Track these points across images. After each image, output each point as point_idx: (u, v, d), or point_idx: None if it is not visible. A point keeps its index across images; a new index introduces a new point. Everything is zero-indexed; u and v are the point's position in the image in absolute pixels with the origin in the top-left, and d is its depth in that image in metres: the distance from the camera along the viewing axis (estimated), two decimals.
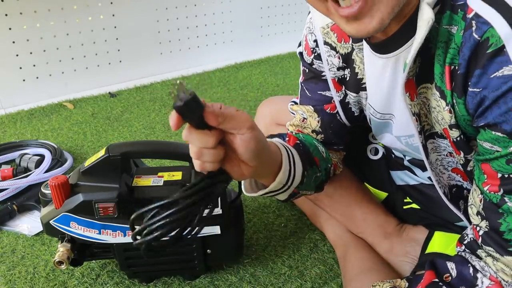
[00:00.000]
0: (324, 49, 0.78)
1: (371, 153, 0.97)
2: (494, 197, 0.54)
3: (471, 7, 0.51)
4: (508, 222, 0.53)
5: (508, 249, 0.54)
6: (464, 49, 0.52)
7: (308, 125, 0.88)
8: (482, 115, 0.52)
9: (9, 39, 1.76)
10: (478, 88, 0.51)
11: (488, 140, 0.53)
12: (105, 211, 0.81)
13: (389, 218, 0.95)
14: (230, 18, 2.34)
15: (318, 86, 0.85)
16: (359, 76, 0.76)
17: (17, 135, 1.62)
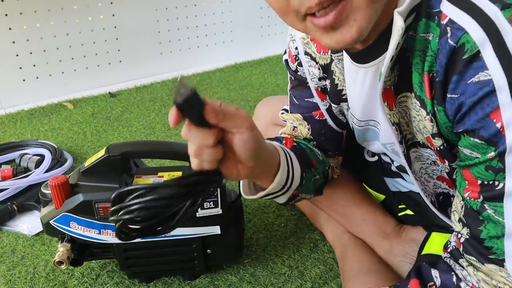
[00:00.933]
0: (305, 59, 0.78)
1: (368, 155, 0.97)
2: (474, 204, 0.54)
3: (444, 13, 0.51)
4: (489, 230, 0.52)
5: (488, 257, 0.53)
6: (440, 56, 0.52)
7: (299, 133, 0.88)
8: (461, 121, 0.52)
9: (9, 39, 1.76)
10: (456, 94, 0.51)
11: (468, 146, 0.52)
12: (105, 211, 0.81)
13: (388, 219, 0.95)
14: (230, 18, 2.34)
15: (305, 93, 0.85)
16: (339, 87, 0.76)
17: (17, 135, 1.62)
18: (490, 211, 0.52)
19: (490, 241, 0.53)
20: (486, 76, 0.47)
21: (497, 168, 0.49)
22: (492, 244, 0.53)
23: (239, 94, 1.98)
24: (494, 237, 0.52)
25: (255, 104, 1.83)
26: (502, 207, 0.50)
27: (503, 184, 0.49)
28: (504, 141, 0.47)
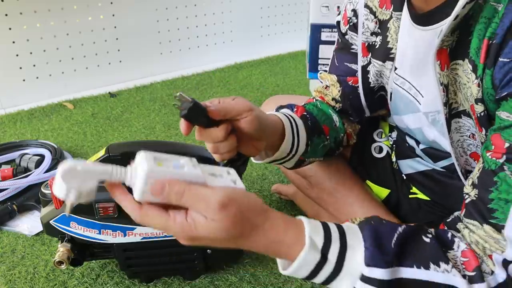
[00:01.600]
0: (363, 11, 0.81)
1: (375, 151, 0.98)
2: (494, 163, 0.54)
3: None
4: (500, 191, 0.52)
5: (489, 220, 0.53)
6: (505, 19, 0.53)
7: (330, 92, 0.92)
8: (507, 85, 0.53)
9: (9, 39, 1.76)
10: (508, 58, 0.53)
11: (507, 109, 0.53)
12: (105, 211, 0.81)
13: (391, 218, 0.95)
14: (230, 18, 2.34)
15: (346, 57, 0.88)
16: (390, 45, 0.78)
17: (17, 135, 1.62)
18: (508, 172, 0.52)
19: (497, 203, 0.53)
20: None
21: None
22: (498, 207, 0.53)
23: (239, 94, 1.98)
24: (503, 200, 0.52)
25: (255, 104, 1.83)
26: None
27: None
28: None
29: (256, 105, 0.66)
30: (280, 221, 0.51)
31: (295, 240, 0.51)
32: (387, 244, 0.51)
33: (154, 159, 0.49)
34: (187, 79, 2.14)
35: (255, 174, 1.34)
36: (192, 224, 0.47)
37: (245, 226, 0.49)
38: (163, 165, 0.49)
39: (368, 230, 0.52)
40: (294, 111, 0.83)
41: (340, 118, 0.91)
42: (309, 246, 0.50)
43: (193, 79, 2.15)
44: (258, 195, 1.21)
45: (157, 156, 0.50)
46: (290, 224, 0.52)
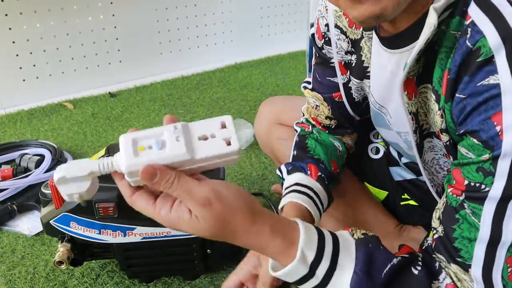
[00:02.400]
0: (334, 32, 0.80)
1: (372, 152, 0.98)
2: (454, 200, 0.54)
3: (469, 14, 0.52)
4: (462, 229, 0.53)
5: (455, 258, 0.53)
6: (456, 55, 0.53)
7: (321, 112, 0.91)
8: (464, 122, 0.53)
9: (9, 39, 1.76)
10: (464, 94, 0.52)
11: (465, 146, 0.53)
12: (105, 211, 0.81)
13: (389, 219, 0.95)
14: (230, 18, 2.34)
15: (327, 72, 0.87)
16: (365, 64, 0.77)
17: (17, 135, 1.62)
18: (468, 211, 0.52)
19: (461, 243, 0.53)
20: (495, 80, 0.48)
21: (488, 171, 0.50)
22: (462, 246, 0.53)
23: (239, 94, 1.98)
24: (466, 239, 0.52)
25: (255, 104, 1.83)
26: (481, 210, 0.50)
27: (488, 189, 0.50)
28: (500, 146, 0.48)
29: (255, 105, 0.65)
30: (267, 228, 0.50)
31: (282, 250, 0.51)
32: (377, 274, 0.52)
33: (133, 144, 0.46)
34: (187, 79, 2.14)
35: (255, 174, 1.34)
36: (176, 219, 0.47)
37: (226, 229, 0.48)
38: (145, 147, 0.46)
39: (363, 253, 0.52)
40: (308, 174, 0.82)
41: (341, 142, 0.91)
42: (298, 260, 0.50)
43: (193, 79, 2.15)
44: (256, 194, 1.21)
45: (136, 137, 0.47)
46: (278, 233, 0.51)
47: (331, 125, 0.91)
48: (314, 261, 0.51)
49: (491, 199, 0.50)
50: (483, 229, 0.51)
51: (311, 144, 0.88)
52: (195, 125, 0.48)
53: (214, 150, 0.46)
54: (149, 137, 0.46)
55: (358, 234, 0.57)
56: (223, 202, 0.47)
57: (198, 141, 0.47)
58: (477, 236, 0.51)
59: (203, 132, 0.47)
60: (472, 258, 0.52)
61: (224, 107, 1.84)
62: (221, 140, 0.47)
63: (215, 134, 0.47)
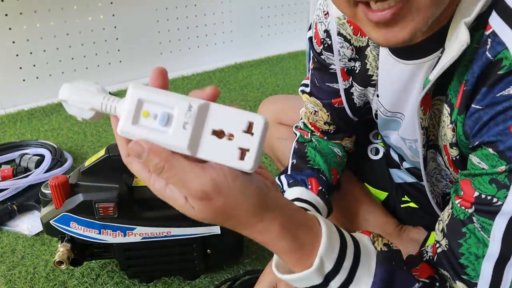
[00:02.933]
0: (337, 40, 0.76)
1: (371, 153, 0.97)
2: (462, 213, 0.51)
3: (490, 24, 0.49)
4: (469, 245, 0.49)
5: (461, 276, 0.50)
6: (474, 66, 0.50)
7: (320, 118, 0.90)
8: (479, 133, 0.50)
9: (9, 39, 1.76)
10: (480, 105, 0.49)
11: (478, 155, 0.50)
12: (105, 211, 0.81)
13: (389, 219, 0.95)
14: (230, 18, 2.34)
15: (325, 77, 0.85)
16: (370, 72, 0.75)
17: (17, 135, 1.62)
18: (477, 225, 0.49)
19: (467, 259, 0.50)
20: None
21: (502, 184, 0.47)
22: (468, 263, 0.50)
23: (239, 94, 1.98)
24: (473, 255, 0.50)
25: (255, 104, 1.83)
26: (491, 225, 0.48)
27: (501, 203, 0.47)
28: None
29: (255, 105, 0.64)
30: (276, 226, 0.43)
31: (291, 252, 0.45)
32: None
33: (138, 105, 0.39)
34: (187, 79, 2.14)
35: None
36: (170, 199, 0.41)
37: (228, 221, 0.42)
38: (149, 114, 0.38)
39: (383, 272, 0.48)
40: (309, 189, 0.81)
41: (340, 147, 0.91)
42: (315, 269, 0.45)
43: (193, 79, 2.15)
44: None
45: (145, 98, 0.39)
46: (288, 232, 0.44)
47: (329, 130, 0.90)
48: (331, 272, 0.46)
49: (503, 214, 0.47)
50: (492, 245, 0.48)
51: (310, 153, 0.87)
52: (217, 111, 0.38)
53: (220, 157, 0.38)
54: (158, 104, 0.38)
55: (380, 244, 0.52)
56: (225, 197, 0.39)
57: (209, 136, 0.38)
58: (486, 253, 0.48)
59: (221, 126, 0.38)
60: (479, 277, 0.49)
61: None
62: (236, 149, 0.38)
63: (234, 135, 0.38)
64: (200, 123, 0.38)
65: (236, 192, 0.40)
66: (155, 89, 0.39)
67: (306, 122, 0.93)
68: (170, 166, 0.38)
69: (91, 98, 0.41)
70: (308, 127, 0.93)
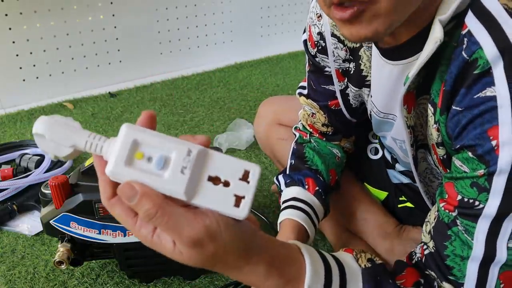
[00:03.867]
0: (331, 41, 0.77)
1: (371, 152, 0.97)
2: (446, 216, 0.52)
3: (466, 23, 0.50)
4: (454, 247, 0.51)
5: (447, 276, 0.52)
6: (451, 67, 0.51)
7: (318, 120, 0.90)
8: (459, 136, 0.51)
9: (9, 39, 1.76)
10: (460, 107, 0.50)
11: (460, 159, 0.51)
12: (105, 211, 0.81)
13: (389, 219, 0.95)
14: (230, 18, 2.34)
15: (321, 80, 0.85)
16: (364, 73, 0.75)
17: (17, 135, 1.62)
18: (461, 228, 0.50)
19: (453, 260, 0.51)
20: (492, 92, 0.46)
21: (482, 187, 0.48)
22: (454, 264, 0.51)
23: (239, 94, 1.98)
24: (458, 256, 0.51)
25: (255, 104, 1.83)
26: (474, 228, 0.49)
27: (483, 206, 0.48)
28: (496, 161, 0.46)
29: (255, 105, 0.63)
30: (262, 267, 0.44)
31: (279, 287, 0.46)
32: None
33: (132, 146, 0.37)
34: (187, 79, 2.14)
35: None
36: (157, 245, 0.41)
37: (216, 266, 0.42)
38: (144, 156, 0.37)
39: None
40: (306, 189, 0.82)
41: (339, 148, 0.91)
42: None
43: (193, 79, 2.15)
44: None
45: (140, 140, 0.38)
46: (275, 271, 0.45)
47: (328, 132, 0.90)
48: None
49: (485, 217, 0.48)
50: (476, 247, 0.49)
51: (309, 154, 0.88)
52: (215, 158, 0.38)
53: (216, 204, 0.38)
54: (155, 146, 0.38)
55: (364, 261, 0.54)
56: (217, 242, 0.39)
57: (206, 182, 0.38)
58: (470, 255, 0.49)
59: (218, 173, 0.38)
60: (465, 277, 0.50)
61: (224, 107, 1.84)
62: (231, 196, 0.38)
63: (230, 182, 0.38)
64: (198, 169, 0.38)
65: (227, 238, 0.39)
66: (150, 131, 0.39)
67: (304, 124, 0.93)
68: (163, 213, 0.37)
69: (74, 134, 0.39)
70: (306, 128, 0.93)
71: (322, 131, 0.91)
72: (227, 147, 1.47)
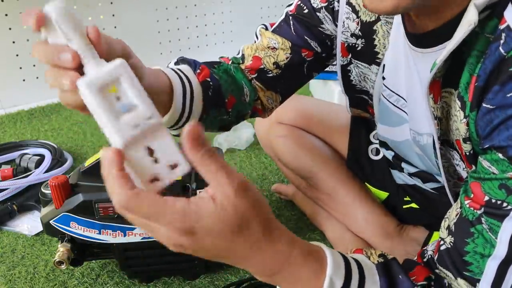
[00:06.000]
0: (345, 9, 0.73)
1: (372, 153, 0.97)
2: (471, 213, 0.51)
3: (505, 17, 0.48)
4: (476, 244, 0.50)
5: (463, 272, 0.51)
6: (486, 61, 0.49)
7: (275, 55, 0.80)
8: (489, 136, 0.49)
9: (9, 39, 1.76)
10: (492, 105, 0.48)
11: (488, 159, 0.49)
12: (105, 211, 0.81)
13: (390, 219, 0.95)
14: (230, 18, 2.34)
15: (308, 33, 0.79)
16: (376, 49, 0.71)
17: (17, 135, 1.62)
18: (486, 226, 0.49)
19: (473, 257, 0.50)
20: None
21: (511, 189, 0.47)
22: (473, 260, 0.50)
23: None
24: (479, 254, 0.50)
25: None
26: (499, 227, 0.48)
27: (511, 207, 0.47)
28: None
29: None
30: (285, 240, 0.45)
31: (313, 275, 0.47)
32: None
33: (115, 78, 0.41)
34: None
35: (255, 174, 1.34)
36: (196, 212, 0.39)
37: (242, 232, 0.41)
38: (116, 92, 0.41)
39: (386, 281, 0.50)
40: (196, 73, 0.72)
41: (253, 92, 0.80)
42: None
43: None
44: None
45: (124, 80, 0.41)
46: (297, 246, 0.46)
47: (271, 72, 0.80)
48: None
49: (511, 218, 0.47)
50: (499, 246, 0.48)
51: (217, 72, 0.78)
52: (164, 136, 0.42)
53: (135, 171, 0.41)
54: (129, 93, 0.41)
55: (376, 257, 0.54)
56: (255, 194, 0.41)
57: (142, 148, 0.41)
58: (492, 253, 0.49)
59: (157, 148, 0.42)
60: (482, 273, 0.49)
61: None
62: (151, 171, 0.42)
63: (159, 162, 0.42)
64: (145, 134, 0.41)
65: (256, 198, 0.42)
66: (136, 80, 0.41)
67: (248, 54, 0.82)
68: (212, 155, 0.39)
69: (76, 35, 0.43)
70: (237, 58, 0.83)
71: (264, 69, 0.80)
72: (226, 147, 1.47)
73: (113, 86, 0.40)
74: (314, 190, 1.02)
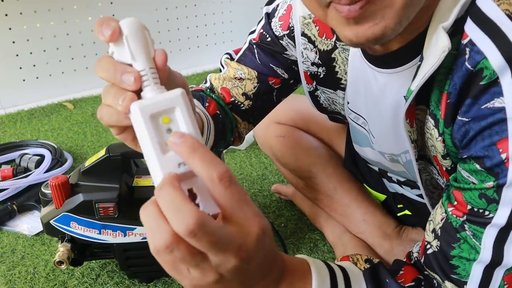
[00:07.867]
0: (301, 41, 0.72)
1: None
2: (455, 220, 0.51)
3: (466, 32, 0.48)
4: (462, 249, 0.51)
5: (450, 275, 0.52)
6: (455, 78, 0.49)
7: (243, 86, 0.80)
8: (467, 147, 0.50)
9: (9, 39, 1.76)
10: (466, 117, 0.48)
11: (467, 169, 0.50)
12: (105, 211, 0.81)
13: (389, 220, 0.95)
14: (230, 18, 2.34)
15: (274, 61, 0.78)
16: (339, 75, 0.71)
17: (17, 135, 1.62)
18: (469, 232, 0.50)
19: (459, 261, 0.51)
20: (500, 103, 0.45)
21: (491, 198, 0.47)
22: (460, 264, 0.51)
23: None
24: (464, 258, 0.51)
25: None
26: (482, 233, 0.49)
27: (492, 215, 0.48)
28: (506, 174, 0.46)
29: None
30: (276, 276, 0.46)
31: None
32: None
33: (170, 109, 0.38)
34: (187, 79, 2.13)
35: (255, 174, 1.34)
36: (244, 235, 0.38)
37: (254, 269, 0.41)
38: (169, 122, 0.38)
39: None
40: (206, 107, 0.73)
41: (234, 120, 0.82)
42: None
43: (193, 79, 2.15)
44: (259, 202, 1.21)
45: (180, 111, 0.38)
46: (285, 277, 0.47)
47: (242, 105, 0.81)
48: None
49: (494, 225, 0.48)
50: (484, 252, 0.49)
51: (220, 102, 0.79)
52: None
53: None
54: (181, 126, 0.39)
55: (362, 263, 0.55)
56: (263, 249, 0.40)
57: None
58: (477, 258, 0.49)
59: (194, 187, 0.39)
60: (469, 276, 0.50)
61: None
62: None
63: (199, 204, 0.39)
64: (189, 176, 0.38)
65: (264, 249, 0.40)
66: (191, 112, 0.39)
67: (216, 85, 0.81)
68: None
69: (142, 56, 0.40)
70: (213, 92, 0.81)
71: (235, 101, 0.80)
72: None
73: (167, 117, 0.38)
74: (313, 191, 1.02)
